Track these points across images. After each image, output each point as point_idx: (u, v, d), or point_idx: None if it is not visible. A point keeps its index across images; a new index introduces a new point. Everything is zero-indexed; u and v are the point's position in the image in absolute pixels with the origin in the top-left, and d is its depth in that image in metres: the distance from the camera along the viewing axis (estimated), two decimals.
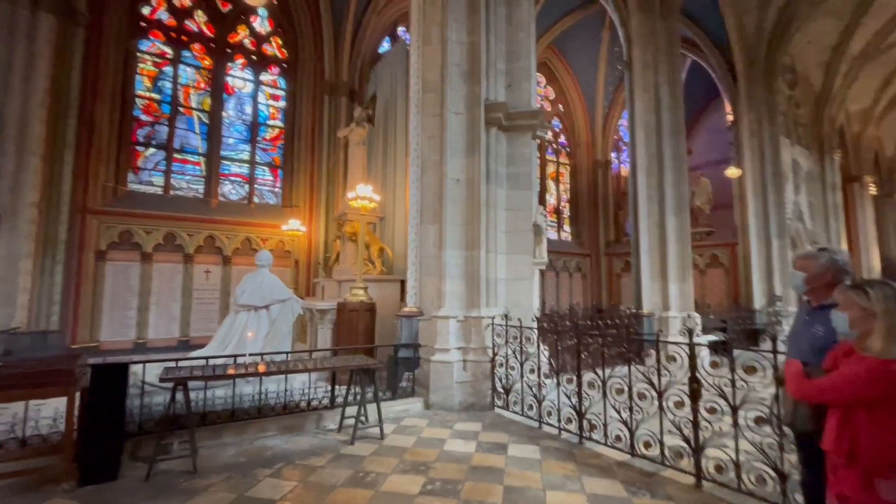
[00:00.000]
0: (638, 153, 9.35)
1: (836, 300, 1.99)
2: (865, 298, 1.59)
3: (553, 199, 16.90)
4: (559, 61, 16.47)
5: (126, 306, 8.79)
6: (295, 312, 5.13)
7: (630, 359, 3.69)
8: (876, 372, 1.47)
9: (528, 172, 6.38)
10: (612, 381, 3.92)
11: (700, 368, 3.32)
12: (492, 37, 6.36)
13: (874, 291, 1.58)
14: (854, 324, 1.62)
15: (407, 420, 4.88)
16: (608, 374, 3.97)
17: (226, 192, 10.39)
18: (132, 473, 3.34)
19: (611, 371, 4.02)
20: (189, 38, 10.07)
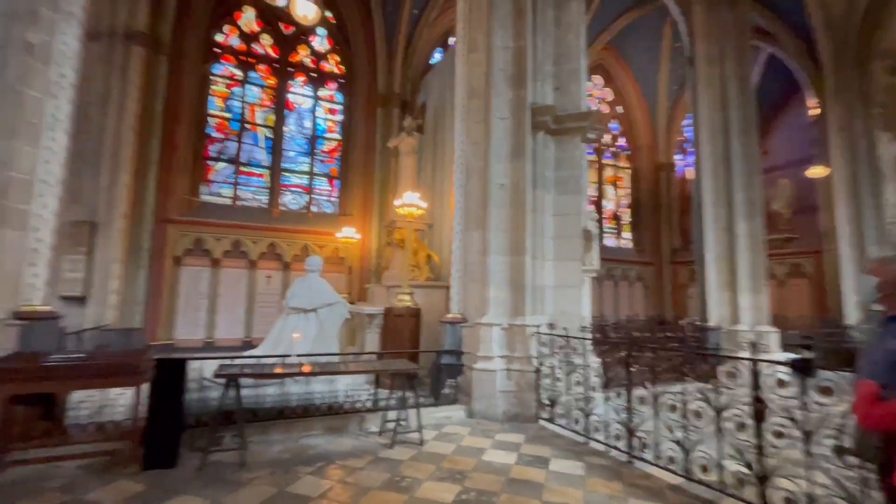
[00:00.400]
0: (703, 154, 8.71)
1: None
2: None
3: (611, 204, 16.20)
4: (617, 62, 15.85)
5: (197, 308, 9.55)
6: (342, 316, 5.29)
7: (684, 373, 3.39)
8: None
9: (578, 176, 6.15)
10: (665, 397, 3.63)
11: (765, 387, 2.98)
12: (539, 40, 6.24)
13: None
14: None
15: (448, 427, 4.83)
16: (662, 390, 3.68)
17: (287, 202, 11.02)
18: (188, 462, 3.58)
19: (665, 387, 3.73)
20: (256, 60, 10.89)
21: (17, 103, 3.74)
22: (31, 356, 3.39)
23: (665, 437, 3.57)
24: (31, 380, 3.22)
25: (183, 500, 2.98)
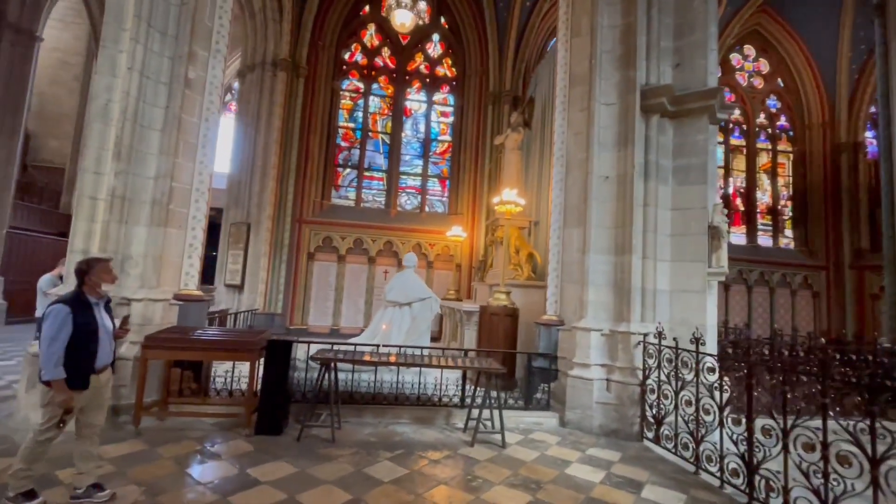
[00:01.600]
0: (894, 127, 6.75)
1: None
2: None
3: (767, 196, 13.62)
4: (777, 25, 13.26)
5: (326, 298, 10.78)
6: (433, 310, 5.43)
7: (826, 406, 2.65)
8: None
9: (702, 164, 5.28)
10: (798, 431, 2.90)
11: None
12: (654, 12, 5.51)
13: None
14: None
15: (537, 433, 4.60)
16: (794, 423, 2.95)
17: (402, 203, 11.75)
18: (292, 433, 4.04)
19: (802, 420, 2.98)
20: (376, 73, 11.82)
21: (179, 127, 4.68)
22: (182, 330, 4.19)
23: (798, 482, 2.86)
24: (180, 349, 3.98)
25: (278, 465, 3.37)
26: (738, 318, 12.22)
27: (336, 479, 3.19)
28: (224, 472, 3.22)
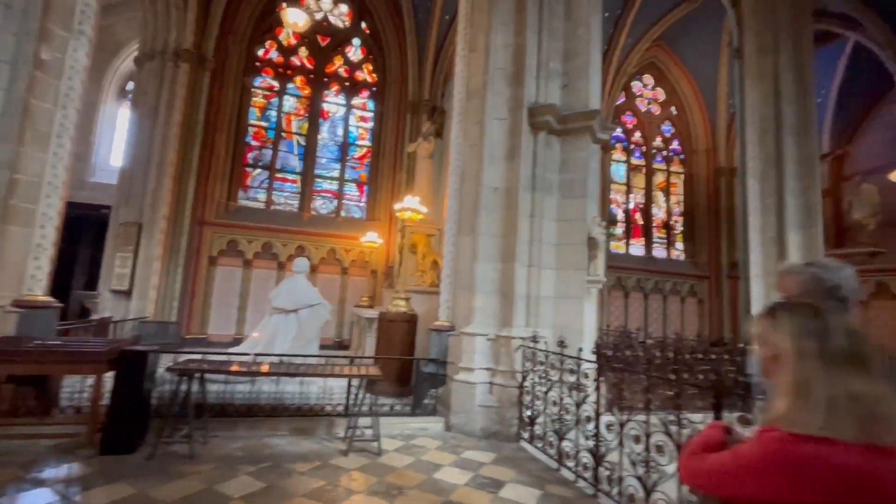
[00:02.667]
0: (749, 155, 7.76)
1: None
2: (771, 328, 0.97)
3: (662, 212, 15.02)
4: (670, 59, 14.75)
5: (229, 305, 10.13)
6: (322, 318, 5.30)
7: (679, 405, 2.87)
8: (770, 454, 0.86)
9: (583, 179, 5.70)
10: (630, 425, 3.18)
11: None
12: (544, 36, 5.90)
13: (781, 318, 0.96)
14: (763, 370, 1.00)
15: (420, 439, 4.63)
16: (627, 418, 3.23)
17: (317, 207, 11.42)
18: (148, 451, 3.71)
19: (644, 414, 3.26)
20: (293, 72, 11.45)
21: (25, 112, 4.17)
22: (13, 340, 3.70)
23: (627, 472, 3.12)
24: (6, 361, 3.50)
25: (114, 488, 3.06)
26: (636, 323, 13.27)
27: (178, 499, 2.97)
28: (42, 501, 2.87)
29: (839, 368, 0.86)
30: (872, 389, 0.84)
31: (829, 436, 0.82)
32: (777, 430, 0.89)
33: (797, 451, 0.83)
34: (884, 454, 0.81)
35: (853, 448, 0.81)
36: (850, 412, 0.83)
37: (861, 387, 0.84)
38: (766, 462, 0.86)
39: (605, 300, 12.99)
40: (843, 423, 0.82)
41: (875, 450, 0.81)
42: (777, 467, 0.84)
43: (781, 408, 0.91)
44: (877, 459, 0.81)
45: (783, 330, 0.95)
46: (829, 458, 0.81)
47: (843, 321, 0.91)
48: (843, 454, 0.81)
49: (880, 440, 0.81)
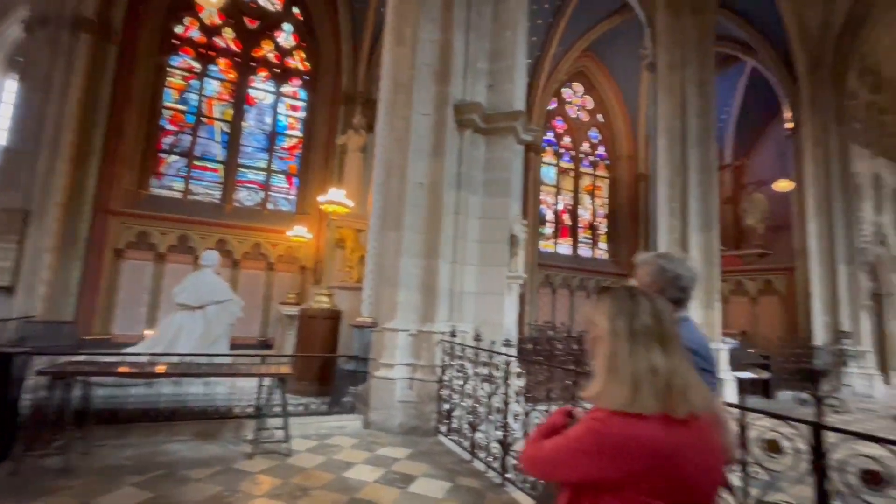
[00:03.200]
0: (660, 162, 8.41)
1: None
2: (594, 311, 1.04)
3: (588, 214, 15.89)
4: (599, 68, 15.62)
5: (138, 302, 9.29)
6: (233, 315, 5.00)
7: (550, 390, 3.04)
8: (590, 433, 0.91)
9: (507, 178, 5.85)
10: (534, 415, 3.31)
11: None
12: (472, 35, 5.98)
13: (602, 300, 1.03)
14: (591, 350, 1.06)
15: (336, 438, 4.51)
16: (532, 408, 3.36)
17: (241, 199, 10.80)
18: (12, 465, 3.28)
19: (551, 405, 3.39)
20: (216, 54, 10.71)
21: None
22: None
23: None
24: None
25: None
26: (562, 319, 13.93)
27: None
28: None
29: (643, 345, 0.92)
30: (668, 363, 0.90)
31: (635, 410, 0.88)
32: (601, 409, 0.93)
33: (611, 429, 0.88)
34: (682, 425, 0.88)
35: (655, 421, 0.87)
36: (651, 386, 0.89)
37: (659, 361, 0.90)
38: (587, 442, 0.90)
39: (533, 297, 13.51)
40: (646, 398, 0.88)
41: (674, 421, 0.87)
42: (596, 446, 0.88)
43: (597, 386, 0.96)
44: (676, 431, 0.87)
45: (602, 311, 1.01)
46: (638, 433, 0.86)
47: (651, 303, 0.98)
48: (648, 428, 0.86)
49: (675, 412, 0.87)
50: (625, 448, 0.85)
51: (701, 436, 0.89)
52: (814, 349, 10.06)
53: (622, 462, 0.85)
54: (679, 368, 0.91)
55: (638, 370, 0.90)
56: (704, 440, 0.89)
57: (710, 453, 0.90)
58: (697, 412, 0.88)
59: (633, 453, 0.84)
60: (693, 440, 0.87)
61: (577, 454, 0.91)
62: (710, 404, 0.92)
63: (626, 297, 1.00)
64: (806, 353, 10.06)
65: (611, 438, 0.87)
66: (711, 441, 0.91)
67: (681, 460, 0.85)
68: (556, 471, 0.99)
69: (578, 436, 0.93)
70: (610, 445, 0.87)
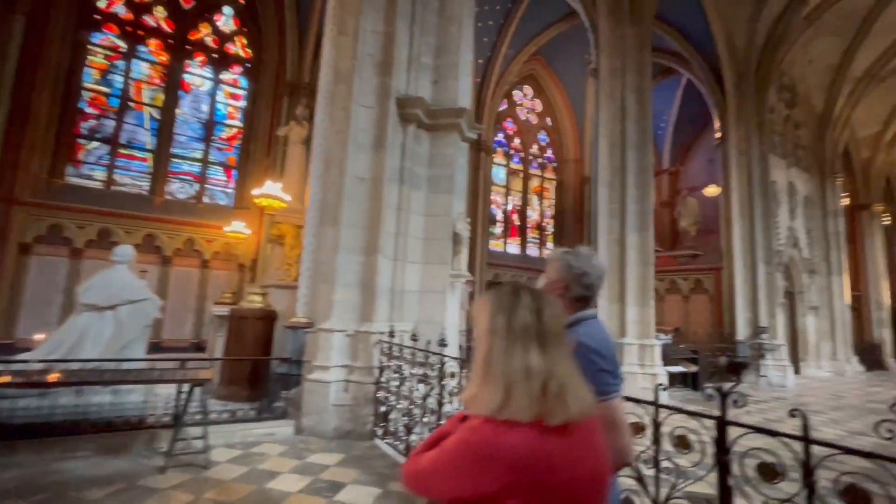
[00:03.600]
0: (601, 165, 8.70)
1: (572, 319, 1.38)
2: (477, 308, 0.97)
3: (536, 214, 16.25)
4: (548, 73, 16.00)
5: (49, 303, 8.39)
6: (148, 316, 4.58)
7: None
8: (458, 444, 0.82)
9: (451, 175, 5.78)
10: None
11: None
12: (416, 28, 5.87)
13: (486, 297, 0.96)
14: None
15: (263, 446, 4.24)
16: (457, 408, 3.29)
17: (173, 191, 10.06)
18: None
19: None
20: (146, 33, 9.90)
21: None
22: None
23: None
24: None
25: None
26: None
27: None
28: None
29: (520, 345, 0.84)
30: (546, 364, 0.83)
31: (506, 416, 0.80)
32: (476, 416, 0.85)
33: (480, 438, 0.80)
34: (558, 432, 0.80)
35: (529, 428, 0.79)
36: (525, 389, 0.81)
37: (536, 362, 0.83)
38: (457, 454, 0.81)
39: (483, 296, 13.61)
40: (518, 402, 0.80)
41: (549, 428, 0.80)
42: (465, 458, 0.79)
43: (471, 389, 0.88)
44: (551, 439, 0.79)
45: (483, 308, 0.93)
46: (506, 442, 0.77)
47: (535, 299, 0.91)
48: (519, 435, 0.78)
49: (549, 418, 0.80)
50: (492, 459, 0.77)
51: (580, 443, 0.82)
52: (737, 343, 10.84)
53: (492, 475, 0.76)
54: (558, 370, 0.84)
55: (511, 371, 0.82)
56: (584, 448, 0.83)
57: (591, 462, 0.84)
58: (577, 417, 0.82)
59: (502, 465, 0.76)
60: (570, 448, 0.80)
61: (449, 468, 0.82)
62: (590, 409, 0.85)
63: (509, 292, 0.93)
64: (730, 347, 10.83)
65: (479, 448, 0.78)
66: (593, 449, 0.85)
67: (556, 471, 0.78)
68: (431, 487, 0.88)
69: (450, 447, 0.83)
70: (479, 457, 0.78)
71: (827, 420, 6.65)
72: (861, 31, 12.85)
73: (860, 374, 13.26)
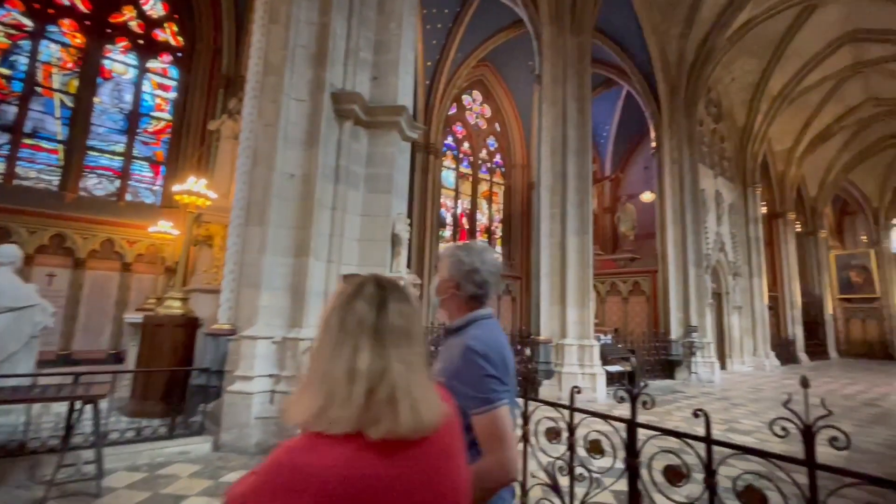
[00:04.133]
0: (542, 170, 8.87)
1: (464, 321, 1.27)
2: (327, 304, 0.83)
3: (485, 218, 16.39)
4: (496, 79, 16.23)
5: None
6: (37, 325, 4.02)
7: None
8: (270, 464, 0.66)
9: (389, 174, 5.62)
10: None
11: None
12: (355, 22, 5.67)
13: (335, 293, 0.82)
14: None
15: (174, 466, 3.84)
16: None
17: (90, 187, 9.15)
18: None
19: None
20: (57, 12, 8.96)
21: None
22: None
23: None
24: None
25: None
26: None
27: None
28: None
29: (350, 343, 0.71)
30: (378, 365, 0.69)
31: (320, 428, 0.66)
32: (301, 433, 0.69)
33: (289, 457, 0.64)
34: (389, 451, 0.66)
35: (349, 445, 0.65)
36: (345, 394, 0.67)
37: (364, 363, 0.69)
38: (268, 475, 0.65)
39: None
40: (336, 410, 0.66)
41: (377, 447, 0.66)
42: (272, 482, 0.64)
43: (292, 395, 0.73)
44: (378, 460, 0.65)
45: (329, 304, 0.78)
46: (314, 462, 0.63)
47: (382, 292, 0.77)
48: (331, 455, 0.64)
49: (374, 430, 0.66)
50: (298, 486, 0.61)
51: (419, 465, 0.69)
52: (670, 342, 11.42)
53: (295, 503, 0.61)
54: (393, 373, 0.69)
55: (332, 373, 0.68)
56: (425, 471, 0.69)
57: (436, 487, 0.70)
58: (411, 432, 0.68)
59: (309, 494, 0.61)
60: (402, 471, 0.66)
61: (259, 494, 0.65)
62: (434, 423, 0.71)
63: (354, 285, 0.79)
64: (664, 347, 11.39)
65: (286, 472, 0.63)
66: (437, 472, 0.71)
67: (379, 499, 0.63)
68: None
69: (264, 469, 0.67)
70: (286, 482, 0.62)
71: (747, 412, 7.08)
72: (775, 54, 14.08)
73: (777, 368, 14.41)
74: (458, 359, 1.18)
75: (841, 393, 9.81)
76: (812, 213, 21.00)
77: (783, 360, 15.27)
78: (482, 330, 1.22)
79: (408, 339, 0.74)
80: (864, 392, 10.06)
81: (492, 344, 1.17)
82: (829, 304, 20.48)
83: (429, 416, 0.70)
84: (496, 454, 1.06)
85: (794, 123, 17.34)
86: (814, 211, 21.04)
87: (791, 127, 17.45)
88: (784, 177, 18.80)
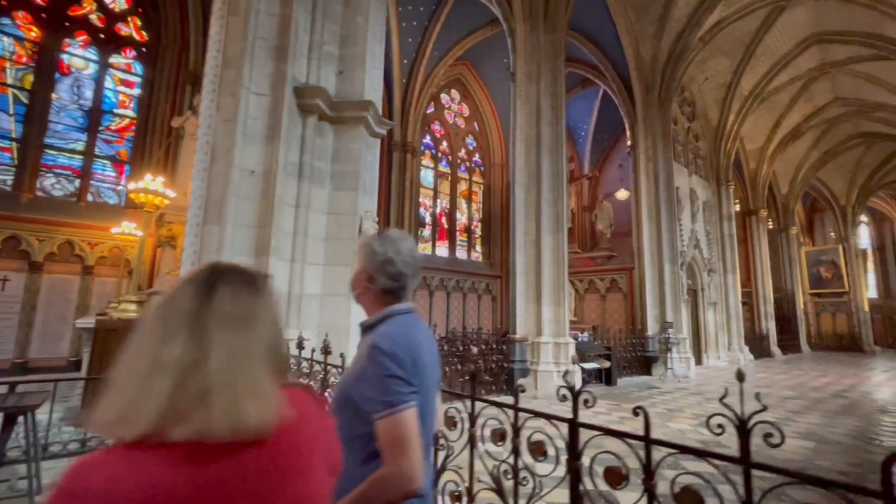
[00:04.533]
0: (517, 168, 8.84)
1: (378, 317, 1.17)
2: None
3: (464, 218, 16.32)
4: (474, 78, 16.18)
5: None
6: None
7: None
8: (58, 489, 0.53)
9: (356, 171, 5.48)
10: None
11: None
12: (319, 15, 5.52)
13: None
14: None
15: None
16: None
17: (47, 187, 8.75)
18: None
19: None
20: (10, 4, 8.55)
21: None
22: None
23: None
24: None
25: None
26: (438, 320, 14.02)
27: None
28: None
29: (160, 335, 0.60)
30: (190, 356, 0.58)
31: (119, 434, 0.55)
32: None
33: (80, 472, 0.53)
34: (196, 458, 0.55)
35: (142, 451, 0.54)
36: (147, 392, 0.56)
37: (173, 355, 0.57)
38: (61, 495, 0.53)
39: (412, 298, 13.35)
40: (136, 409, 0.55)
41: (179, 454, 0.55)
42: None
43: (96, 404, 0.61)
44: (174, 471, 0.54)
45: None
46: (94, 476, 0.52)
47: (214, 281, 0.65)
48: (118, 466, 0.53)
49: (174, 428, 0.55)
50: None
51: (241, 473, 0.57)
52: (647, 338, 11.52)
53: None
54: (212, 364, 0.58)
55: (134, 368, 0.57)
56: (246, 481, 0.57)
57: (256, 501, 0.58)
58: (223, 432, 0.56)
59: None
60: (215, 480, 0.55)
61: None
62: (263, 426, 0.59)
63: (189, 274, 0.67)
64: (641, 343, 11.49)
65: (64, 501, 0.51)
66: (263, 483, 0.59)
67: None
68: None
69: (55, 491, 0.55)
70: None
71: (720, 407, 7.13)
72: (746, 54, 14.36)
73: (751, 362, 14.70)
74: (365, 358, 1.08)
75: (811, 385, 10.02)
76: (783, 211, 21.54)
77: (757, 355, 15.58)
78: (394, 326, 1.11)
79: (243, 327, 0.62)
80: (832, 384, 10.30)
81: (401, 341, 1.06)
82: (800, 298, 21.04)
83: (257, 414, 0.58)
84: (396, 462, 0.95)
85: (765, 122, 17.74)
86: (785, 208, 21.59)
87: (762, 126, 17.85)
88: (756, 175, 19.22)
